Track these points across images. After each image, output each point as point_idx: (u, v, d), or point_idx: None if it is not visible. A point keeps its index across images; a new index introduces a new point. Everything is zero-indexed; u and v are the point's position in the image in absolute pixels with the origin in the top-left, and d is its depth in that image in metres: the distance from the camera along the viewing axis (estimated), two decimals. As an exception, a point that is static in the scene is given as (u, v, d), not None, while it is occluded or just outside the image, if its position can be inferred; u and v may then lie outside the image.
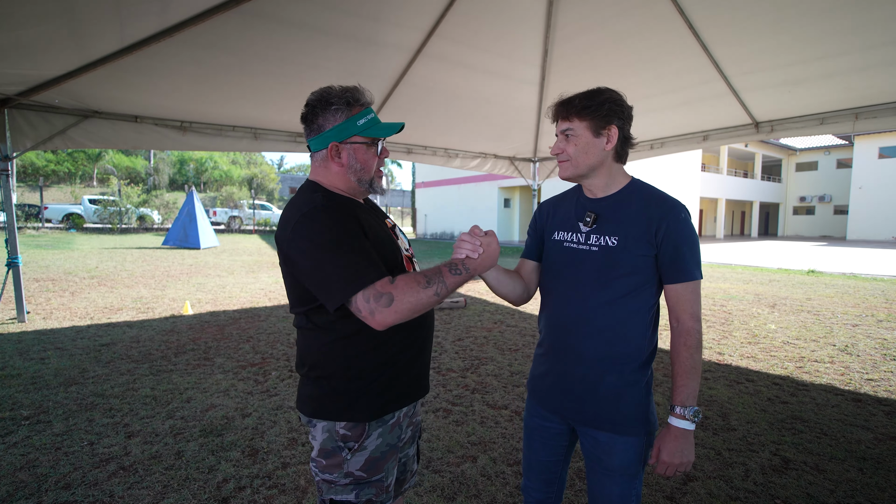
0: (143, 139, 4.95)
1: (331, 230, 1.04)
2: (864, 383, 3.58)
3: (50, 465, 2.27)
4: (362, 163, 1.17)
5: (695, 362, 1.14)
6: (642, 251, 1.16)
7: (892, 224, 25.39)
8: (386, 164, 1.28)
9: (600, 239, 1.20)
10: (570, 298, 1.23)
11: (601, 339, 1.19)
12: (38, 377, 3.44)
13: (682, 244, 1.14)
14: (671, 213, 1.16)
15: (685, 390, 1.13)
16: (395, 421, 1.20)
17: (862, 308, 6.56)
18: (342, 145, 1.15)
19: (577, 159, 1.20)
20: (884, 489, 2.17)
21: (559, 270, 1.27)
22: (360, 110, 1.16)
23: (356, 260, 1.02)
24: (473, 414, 2.97)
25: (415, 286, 1.00)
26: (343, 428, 1.13)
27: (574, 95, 1.20)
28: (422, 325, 1.23)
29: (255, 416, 2.87)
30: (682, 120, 5.37)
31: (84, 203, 20.06)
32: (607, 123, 1.17)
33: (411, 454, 1.35)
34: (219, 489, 2.10)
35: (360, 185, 1.19)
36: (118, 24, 3.11)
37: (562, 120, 1.21)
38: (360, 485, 1.13)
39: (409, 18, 3.74)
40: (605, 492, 1.21)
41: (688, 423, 1.13)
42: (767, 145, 30.08)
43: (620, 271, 1.17)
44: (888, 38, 3.25)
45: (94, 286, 7.48)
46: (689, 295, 1.15)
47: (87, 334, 4.65)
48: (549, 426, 1.32)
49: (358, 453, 1.13)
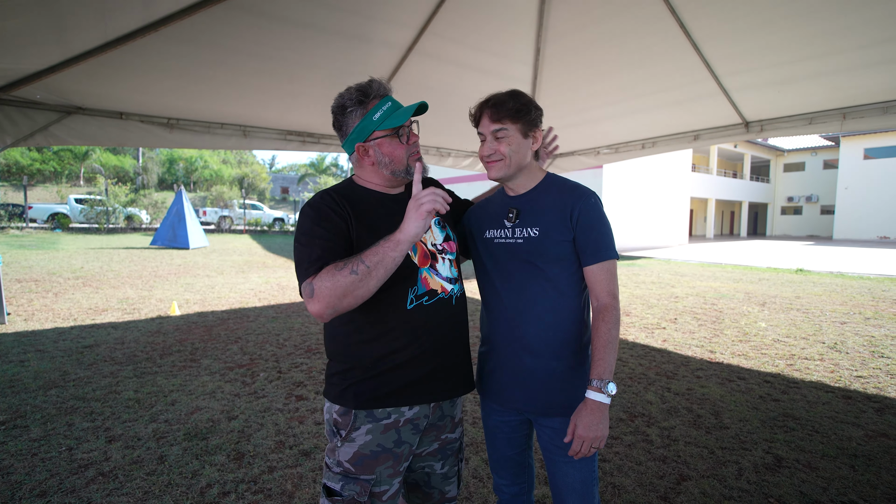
0: (128, 136, 4.82)
1: (305, 223, 1.12)
2: (853, 380, 3.60)
3: (25, 471, 2.19)
4: (390, 156, 1.18)
5: (612, 337, 1.17)
6: (562, 237, 1.23)
7: (878, 224, 25.86)
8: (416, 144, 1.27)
9: (524, 231, 1.27)
10: (508, 291, 1.28)
11: (541, 326, 1.24)
12: (17, 380, 3.33)
13: (594, 227, 1.22)
14: (582, 198, 1.23)
15: (602, 364, 1.15)
16: (392, 423, 1.15)
17: (849, 306, 6.64)
18: (367, 144, 1.18)
19: (510, 159, 1.25)
20: (875, 486, 2.17)
21: (493, 266, 1.33)
22: (374, 104, 1.16)
23: (308, 253, 1.08)
24: (465, 415, 2.93)
25: (331, 270, 1.02)
26: (336, 413, 1.17)
27: (503, 97, 1.24)
28: (432, 323, 1.19)
29: (242, 418, 2.80)
30: (673, 119, 5.39)
31: (70, 202, 19.68)
32: (535, 126, 1.26)
33: (438, 470, 1.28)
34: (202, 495, 2.04)
35: (396, 175, 1.21)
36: (101, 17, 3.02)
37: (492, 122, 1.24)
38: (347, 478, 1.14)
39: (400, 15, 3.70)
40: (569, 479, 1.25)
41: (603, 397, 1.15)
42: (756, 146, 30.49)
43: (546, 259, 1.24)
44: (875, 39, 3.28)
45: (79, 287, 7.32)
46: (604, 274, 1.21)
47: (69, 336, 4.54)
48: (508, 420, 1.34)
49: (347, 443, 1.15)
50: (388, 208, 1.21)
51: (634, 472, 2.29)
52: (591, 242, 1.22)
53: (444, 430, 1.28)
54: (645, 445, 2.56)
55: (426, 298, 1.19)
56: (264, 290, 7.59)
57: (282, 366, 3.81)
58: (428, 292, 1.19)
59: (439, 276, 1.23)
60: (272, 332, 4.91)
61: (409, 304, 1.17)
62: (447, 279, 1.24)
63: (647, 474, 2.27)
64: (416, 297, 1.17)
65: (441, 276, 1.23)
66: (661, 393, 3.32)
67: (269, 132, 5.55)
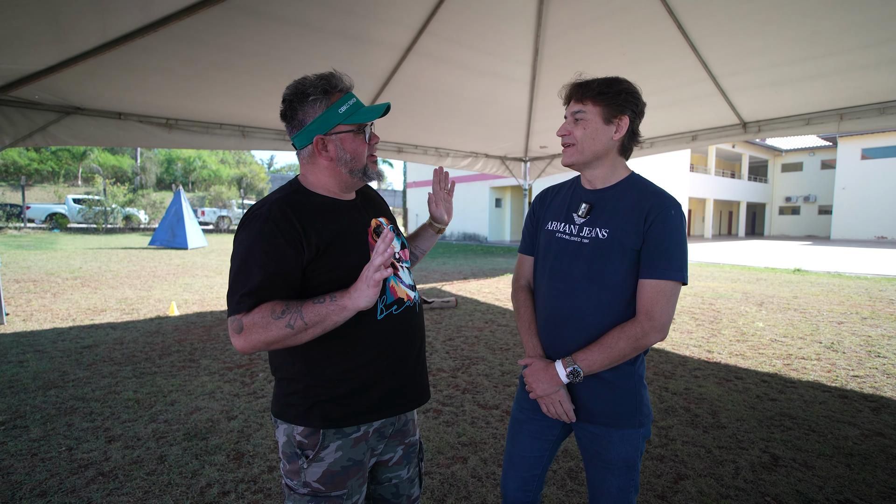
0: (127, 137, 4.84)
1: (247, 239, 1.02)
2: (850, 380, 3.62)
3: (25, 471, 2.19)
4: (352, 152, 1.10)
5: (616, 345, 1.10)
6: (632, 244, 1.12)
7: (875, 224, 25.94)
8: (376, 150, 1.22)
9: (592, 231, 1.17)
10: (561, 292, 1.20)
11: (593, 333, 1.16)
12: (16, 381, 3.33)
13: (665, 239, 1.10)
14: (663, 206, 1.12)
15: (587, 353, 1.12)
16: (361, 435, 1.11)
17: (847, 306, 6.67)
18: (327, 137, 1.08)
19: (583, 144, 1.16)
20: (871, 485, 2.18)
21: (551, 262, 1.24)
22: (339, 97, 1.08)
23: (243, 281, 1.00)
24: (464, 414, 2.94)
25: (266, 315, 0.97)
26: (300, 434, 1.08)
27: (592, 79, 1.16)
28: (401, 332, 1.15)
29: (241, 418, 2.81)
30: (672, 120, 5.41)
31: (68, 202, 19.64)
32: (620, 112, 1.15)
33: (404, 477, 1.26)
34: (202, 494, 2.05)
35: (353, 175, 1.12)
36: (100, 18, 3.03)
37: (574, 101, 1.17)
38: (317, 497, 1.07)
39: (399, 15, 3.71)
40: (606, 485, 1.21)
41: (563, 374, 1.15)
42: (754, 146, 30.56)
43: (610, 264, 1.14)
44: (872, 40, 3.30)
45: (78, 287, 7.31)
46: (654, 293, 1.09)
47: (68, 336, 4.54)
48: (540, 418, 1.28)
49: (315, 464, 1.07)
50: (343, 219, 1.12)
51: (632, 471, 2.31)
52: (655, 255, 1.09)
53: (407, 435, 1.26)
54: (643, 445, 2.57)
55: (395, 308, 1.14)
56: (263, 291, 7.59)
57: (281, 366, 3.82)
58: (396, 301, 1.15)
59: (403, 283, 1.19)
60: (271, 332, 4.92)
61: (379, 315, 1.11)
62: (409, 286, 1.21)
63: (645, 473, 2.28)
64: (386, 306, 1.12)
65: (404, 284, 1.19)
66: (659, 392, 3.34)
67: (268, 132, 5.57)
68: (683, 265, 1.11)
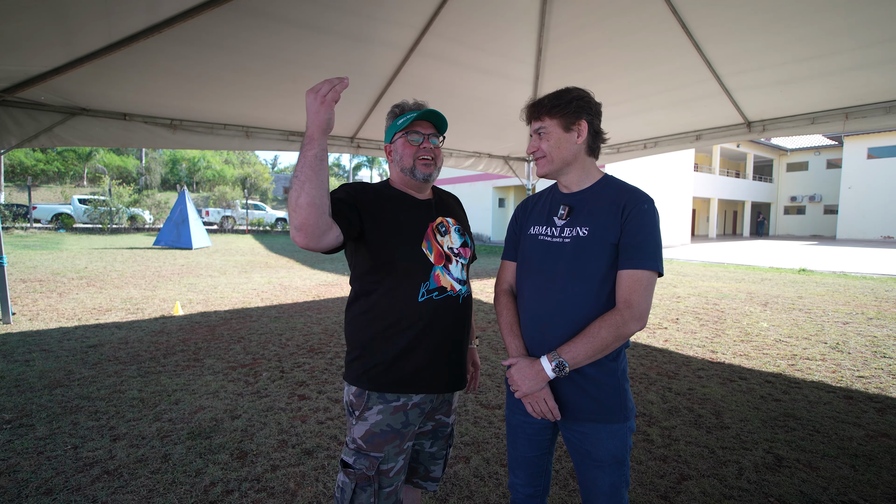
0: (132, 137, 4.87)
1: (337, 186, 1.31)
2: (855, 380, 3.60)
3: (31, 469, 2.22)
4: (401, 153, 1.34)
5: (598, 334, 1.13)
6: (611, 239, 1.19)
7: (881, 223, 25.72)
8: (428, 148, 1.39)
9: (573, 231, 1.24)
10: (547, 291, 1.25)
11: (578, 325, 1.19)
12: (22, 380, 3.36)
13: (640, 231, 1.17)
14: (637, 201, 1.20)
15: (574, 348, 1.15)
16: (401, 405, 1.27)
17: (852, 306, 6.62)
18: (391, 145, 1.37)
19: (551, 154, 1.25)
20: (875, 486, 2.17)
21: (536, 263, 1.29)
22: (402, 114, 1.34)
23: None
24: (467, 414, 2.94)
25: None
26: (352, 394, 1.29)
27: (544, 96, 1.27)
28: (439, 317, 1.28)
29: (245, 417, 2.82)
30: (676, 119, 5.39)
31: (74, 203, 19.77)
32: (577, 118, 1.24)
33: (427, 448, 1.42)
34: (206, 493, 2.06)
35: (404, 173, 1.34)
36: (106, 19, 3.05)
37: (534, 121, 1.28)
38: (359, 453, 1.25)
39: (402, 16, 3.71)
40: (598, 483, 1.23)
41: (549, 370, 1.16)
42: (759, 145, 30.35)
43: (591, 260, 1.19)
44: (878, 39, 3.27)
45: (83, 287, 7.37)
46: (631, 282, 1.15)
47: (74, 336, 4.57)
48: (532, 421, 1.31)
49: (360, 422, 1.27)
50: (407, 210, 1.33)
51: (635, 471, 2.30)
52: (632, 246, 1.16)
53: (440, 413, 1.41)
54: (646, 445, 2.57)
55: (436, 293, 1.29)
56: (267, 291, 7.62)
57: (284, 365, 3.84)
58: (438, 288, 1.30)
59: (450, 275, 1.34)
60: (275, 332, 4.93)
61: (420, 297, 1.27)
62: (457, 280, 1.35)
63: (648, 473, 2.28)
64: (427, 291, 1.28)
65: (452, 276, 1.34)
66: (663, 393, 3.33)
67: (272, 133, 5.58)
68: (658, 256, 1.18)
